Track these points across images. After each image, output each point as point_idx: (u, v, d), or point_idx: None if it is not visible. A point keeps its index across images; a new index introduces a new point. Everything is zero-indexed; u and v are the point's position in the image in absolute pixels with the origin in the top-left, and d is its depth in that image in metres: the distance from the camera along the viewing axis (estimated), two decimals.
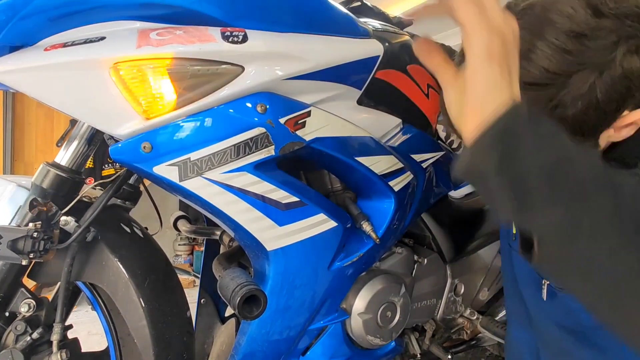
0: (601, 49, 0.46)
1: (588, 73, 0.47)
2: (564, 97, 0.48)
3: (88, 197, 0.73)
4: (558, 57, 0.47)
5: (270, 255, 0.66)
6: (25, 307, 0.68)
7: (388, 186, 0.77)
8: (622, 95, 0.49)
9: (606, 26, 0.46)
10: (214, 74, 0.57)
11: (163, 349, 0.69)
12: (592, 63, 0.46)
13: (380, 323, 0.82)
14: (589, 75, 0.47)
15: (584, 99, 0.48)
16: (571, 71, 0.47)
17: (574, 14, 0.46)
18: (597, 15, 0.46)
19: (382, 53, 0.73)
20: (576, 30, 0.46)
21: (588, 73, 0.47)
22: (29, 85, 0.55)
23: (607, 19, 0.46)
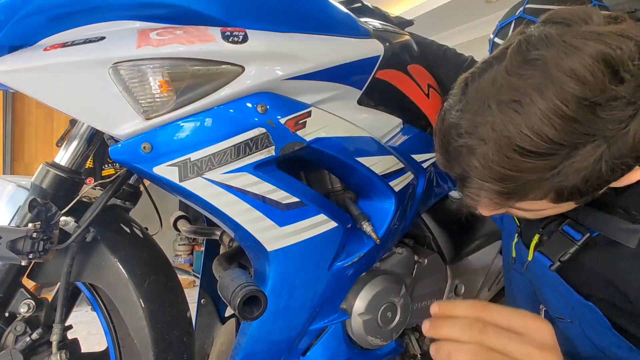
0: (615, 121, 0.41)
1: (596, 145, 0.42)
2: (565, 168, 0.44)
3: (88, 197, 0.73)
4: (565, 126, 0.41)
5: (271, 255, 0.66)
6: (25, 308, 0.68)
7: (388, 186, 0.76)
8: (629, 165, 0.45)
9: (623, 96, 0.41)
10: (214, 74, 0.57)
11: (163, 350, 0.69)
12: (602, 135, 0.42)
13: (380, 323, 0.82)
14: (597, 148, 0.43)
15: (586, 170, 0.44)
16: (578, 143, 0.42)
17: (590, 79, 0.41)
18: (615, 82, 0.41)
19: (382, 53, 0.73)
20: (590, 98, 0.41)
21: (596, 145, 0.42)
22: (28, 85, 0.54)
23: (626, 86, 0.41)
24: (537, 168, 0.44)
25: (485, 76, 0.47)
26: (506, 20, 0.92)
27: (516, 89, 0.43)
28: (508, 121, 0.44)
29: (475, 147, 0.46)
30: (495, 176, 0.46)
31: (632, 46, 0.41)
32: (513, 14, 0.91)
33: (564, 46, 0.42)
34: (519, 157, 0.44)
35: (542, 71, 0.43)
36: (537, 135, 0.42)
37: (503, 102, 0.44)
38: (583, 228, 0.58)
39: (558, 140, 0.42)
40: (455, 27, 4.04)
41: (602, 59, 0.41)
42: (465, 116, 0.47)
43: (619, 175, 0.46)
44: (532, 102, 0.42)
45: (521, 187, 0.46)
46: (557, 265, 0.59)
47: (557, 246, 0.60)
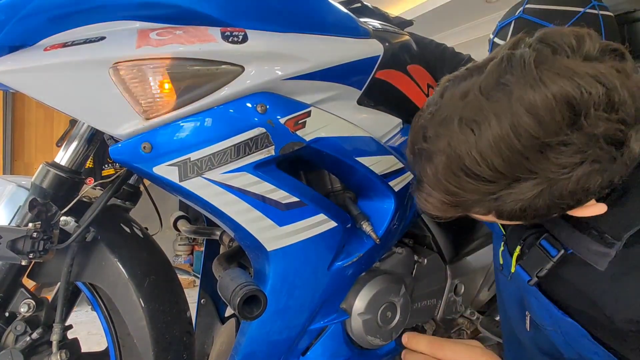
0: (561, 165, 0.41)
1: (537, 183, 0.43)
2: (504, 196, 0.45)
3: (88, 197, 0.73)
4: (512, 158, 0.42)
5: (270, 255, 0.66)
6: (25, 307, 0.68)
7: (388, 186, 0.77)
8: (569, 205, 0.46)
9: (576, 143, 0.40)
10: (214, 74, 0.57)
11: (163, 349, 0.69)
12: (545, 175, 0.42)
13: (380, 323, 0.82)
14: (537, 186, 0.43)
15: (523, 202, 0.45)
16: (520, 177, 0.43)
17: (546, 120, 0.40)
18: (571, 127, 0.40)
19: (382, 53, 0.73)
20: (542, 138, 0.40)
21: (537, 183, 0.43)
22: (28, 85, 0.55)
23: (581, 135, 0.40)
24: (478, 190, 0.45)
25: (462, 85, 0.47)
26: (506, 20, 0.92)
27: (480, 109, 0.43)
28: (463, 140, 0.44)
29: (432, 156, 0.47)
30: (442, 188, 0.48)
31: (602, 93, 0.40)
32: (513, 14, 0.91)
33: (533, 78, 0.41)
34: (464, 177, 0.45)
35: (507, 99, 0.42)
36: (483, 161, 0.43)
37: (465, 119, 0.44)
38: (559, 243, 0.58)
39: (501, 170, 0.43)
40: (455, 27, 4.04)
41: (566, 100, 0.40)
42: (433, 122, 0.48)
43: (557, 212, 0.47)
44: (488, 126, 0.42)
45: (463, 202, 0.48)
46: (534, 281, 0.60)
47: (534, 261, 0.60)
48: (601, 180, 0.43)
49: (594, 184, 0.43)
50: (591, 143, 0.41)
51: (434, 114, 0.48)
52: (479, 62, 0.48)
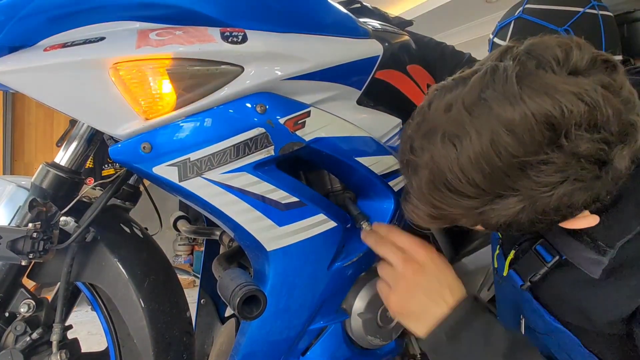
0: (541, 184, 0.41)
1: (519, 200, 0.43)
2: (487, 211, 0.45)
3: (88, 198, 0.73)
4: (493, 175, 0.41)
5: (270, 255, 0.66)
6: (25, 308, 0.68)
7: (388, 186, 0.77)
8: (555, 220, 0.46)
9: (556, 162, 0.40)
10: (214, 74, 0.57)
11: (163, 349, 0.69)
12: (526, 193, 0.42)
13: (380, 323, 0.82)
14: (520, 202, 0.43)
15: (507, 217, 0.45)
16: (502, 194, 0.43)
17: (526, 139, 0.39)
18: (552, 147, 0.39)
19: (381, 53, 0.73)
20: (521, 157, 0.40)
21: (519, 200, 0.43)
22: (28, 85, 0.55)
23: (562, 154, 0.39)
24: (461, 206, 0.45)
25: (447, 97, 0.46)
26: (506, 20, 0.92)
27: (462, 124, 0.43)
28: (445, 155, 0.44)
29: (417, 168, 0.47)
30: (426, 201, 0.48)
31: (584, 112, 0.39)
32: (512, 14, 0.91)
33: (513, 94, 0.40)
34: (447, 192, 0.45)
35: (486, 115, 0.41)
36: (464, 177, 0.43)
37: (447, 133, 0.44)
38: (554, 250, 0.58)
39: (482, 187, 0.42)
40: (455, 27, 4.04)
41: (545, 120, 0.39)
42: (419, 134, 0.47)
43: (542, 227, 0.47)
44: (469, 142, 0.42)
45: (448, 215, 0.48)
46: (527, 285, 0.60)
47: (528, 266, 0.60)
48: (586, 197, 0.42)
49: (577, 200, 0.42)
50: (572, 162, 0.40)
51: (420, 125, 0.48)
52: (465, 72, 0.47)
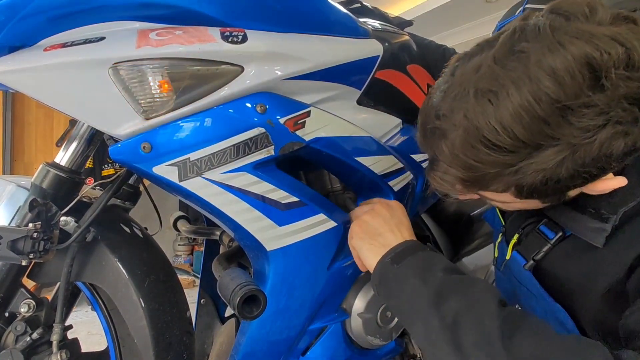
0: (583, 129, 0.40)
1: (559, 150, 0.42)
2: (525, 167, 0.44)
3: (88, 198, 0.73)
4: (533, 125, 0.41)
5: (270, 255, 0.66)
6: (25, 308, 0.68)
7: (388, 186, 0.77)
8: (592, 174, 0.44)
9: (598, 105, 0.39)
10: (214, 74, 0.57)
11: (163, 349, 0.69)
12: (567, 141, 0.41)
13: (380, 323, 0.82)
14: (559, 153, 0.42)
15: (546, 173, 0.43)
16: (541, 144, 0.42)
17: (568, 82, 0.39)
18: (593, 88, 0.39)
19: (381, 53, 0.73)
20: (563, 101, 0.40)
21: (559, 150, 0.42)
22: (28, 85, 0.55)
23: (603, 96, 0.39)
24: (497, 162, 0.44)
25: (473, 60, 0.46)
26: (505, 20, 0.92)
27: (496, 79, 0.43)
28: (480, 111, 0.43)
29: (447, 132, 0.47)
30: (459, 164, 0.47)
31: (622, 53, 0.39)
32: (513, 13, 0.91)
33: (550, 42, 0.41)
34: (483, 149, 0.44)
35: (524, 65, 0.41)
36: (503, 130, 0.42)
37: (480, 90, 0.43)
38: (558, 227, 0.58)
39: (522, 138, 0.42)
40: (455, 27, 4.04)
41: (585, 62, 0.39)
42: (446, 99, 0.47)
43: (579, 183, 0.46)
44: (507, 95, 0.42)
45: (481, 177, 0.47)
46: (531, 264, 0.60)
47: (532, 245, 0.60)
48: (624, 144, 0.42)
49: (617, 148, 0.42)
50: (613, 103, 0.39)
51: (446, 92, 0.48)
52: (488, 38, 0.47)
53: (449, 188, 0.52)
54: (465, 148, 0.45)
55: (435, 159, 0.51)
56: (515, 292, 0.69)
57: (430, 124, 0.49)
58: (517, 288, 0.67)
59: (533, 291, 0.61)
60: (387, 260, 0.60)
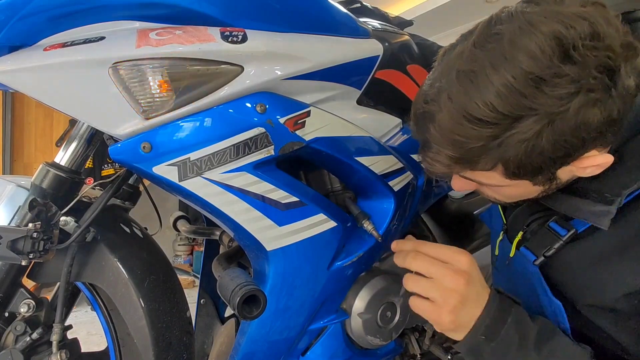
0: (557, 97, 0.43)
1: (537, 120, 0.45)
2: (507, 139, 0.46)
3: (88, 197, 0.73)
4: (511, 98, 0.44)
5: (270, 255, 0.66)
6: (25, 308, 0.68)
7: (388, 186, 0.77)
8: (573, 145, 0.47)
9: (568, 74, 0.43)
10: (214, 73, 0.57)
11: (163, 349, 0.69)
12: (543, 110, 0.44)
13: (380, 323, 0.82)
14: (538, 122, 0.45)
15: (528, 143, 0.46)
16: (520, 115, 0.45)
17: (539, 55, 0.43)
18: (563, 60, 0.43)
19: (381, 53, 0.73)
20: (536, 73, 0.43)
21: (537, 120, 0.45)
22: (28, 85, 0.55)
23: (573, 66, 0.43)
24: (482, 136, 0.47)
25: (457, 48, 0.50)
26: None
27: (475, 60, 0.47)
28: (462, 90, 0.47)
29: (434, 113, 0.50)
30: (447, 142, 0.49)
31: (587, 26, 0.43)
32: None
33: (522, 23, 0.45)
34: (467, 124, 0.47)
35: (499, 45, 0.45)
36: (484, 105, 0.45)
37: (462, 72, 0.47)
38: (569, 225, 0.59)
39: (502, 111, 0.45)
40: (455, 27, 4.04)
41: (554, 36, 0.43)
42: (433, 85, 0.51)
43: (562, 155, 0.48)
44: (485, 73, 0.45)
45: (469, 153, 0.49)
46: (541, 260, 0.60)
47: (542, 241, 0.61)
48: (600, 114, 0.44)
49: (593, 117, 0.44)
50: (583, 73, 0.43)
51: (433, 79, 0.52)
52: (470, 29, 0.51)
53: (441, 169, 0.54)
54: (451, 126, 0.48)
55: (426, 142, 0.53)
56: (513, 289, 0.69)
57: (420, 109, 0.53)
58: (518, 285, 0.67)
59: (537, 287, 0.61)
60: (478, 336, 0.55)
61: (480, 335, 0.55)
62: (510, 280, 0.69)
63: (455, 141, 0.49)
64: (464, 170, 0.53)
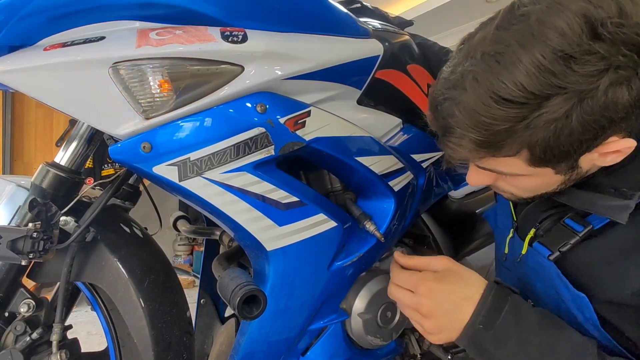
0: (587, 75, 0.43)
1: (567, 98, 0.44)
2: (536, 119, 0.46)
3: (87, 197, 0.73)
4: (540, 76, 0.44)
5: (270, 255, 0.66)
6: (25, 307, 0.68)
7: (388, 186, 0.76)
8: (602, 125, 0.46)
9: (598, 51, 0.43)
10: (214, 73, 0.57)
11: (163, 349, 0.69)
12: (573, 89, 0.44)
13: (380, 323, 0.82)
14: (567, 101, 0.44)
15: (557, 124, 0.45)
16: (549, 94, 0.44)
17: (568, 32, 0.43)
18: (592, 38, 0.43)
19: (382, 53, 0.73)
20: (566, 50, 0.43)
21: (567, 98, 0.44)
22: (28, 85, 0.55)
23: (602, 44, 0.43)
24: (509, 117, 0.46)
25: (477, 35, 0.50)
26: None
27: (500, 42, 0.47)
28: (489, 70, 0.46)
29: (459, 97, 0.49)
30: (473, 124, 0.49)
31: (614, 6, 0.43)
32: None
33: (549, 2, 0.45)
34: (494, 105, 0.46)
35: (526, 25, 0.45)
36: (513, 84, 0.45)
37: (487, 53, 0.47)
38: (585, 221, 0.58)
39: (532, 90, 0.44)
40: (455, 27, 4.04)
41: (582, 14, 0.43)
42: (455, 70, 0.50)
43: (590, 138, 0.47)
44: (513, 52, 0.45)
45: (495, 136, 0.48)
46: (556, 255, 0.60)
47: (558, 237, 0.61)
48: (628, 94, 0.44)
49: (621, 97, 0.44)
50: (612, 50, 0.43)
51: (454, 65, 0.51)
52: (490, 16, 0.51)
53: (463, 155, 0.53)
54: (477, 107, 0.47)
55: (449, 128, 0.52)
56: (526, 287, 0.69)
57: (441, 95, 0.52)
58: (528, 284, 0.67)
59: (555, 282, 0.61)
60: (476, 327, 0.57)
61: (478, 325, 0.56)
62: (523, 277, 0.68)
63: (481, 123, 0.48)
64: (486, 157, 0.52)
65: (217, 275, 0.68)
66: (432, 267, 0.63)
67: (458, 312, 0.58)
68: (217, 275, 0.68)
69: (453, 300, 0.59)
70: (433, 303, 0.59)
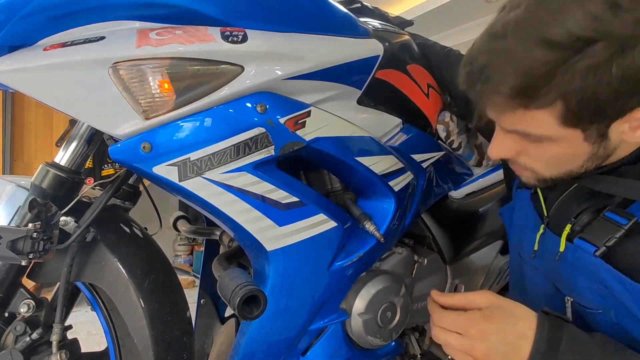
0: (631, 22, 0.44)
1: (609, 45, 0.45)
2: (577, 64, 0.46)
3: (87, 198, 0.73)
4: (586, 22, 0.44)
5: (270, 255, 0.66)
6: (25, 308, 0.68)
7: (388, 186, 0.76)
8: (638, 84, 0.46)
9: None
10: (214, 73, 0.57)
11: (163, 350, 0.69)
12: (616, 36, 0.44)
13: (380, 323, 0.82)
14: (610, 48, 0.45)
15: (597, 71, 0.45)
16: (593, 38, 0.45)
17: None
18: None
19: (382, 53, 0.73)
20: None
21: (609, 45, 0.45)
22: (28, 85, 0.54)
23: None
24: (551, 60, 0.46)
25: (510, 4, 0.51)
26: None
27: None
28: (533, 16, 0.47)
29: (500, 42, 0.50)
30: (513, 69, 0.49)
31: None
32: None
33: None
34: (537, 49, 0.47)
35: None
36: (557, 27, 0.45)
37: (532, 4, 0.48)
38: (627, 213, 0.57)
39: (575, 32, 0.45)
40: (455, 27, 4.04)
41: None
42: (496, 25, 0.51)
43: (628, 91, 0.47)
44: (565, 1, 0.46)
45: (533, 81, 0.48)
46: (602, 251, 0.58)
47: (601, 232, 0.59)
48: None
49: None
50: None
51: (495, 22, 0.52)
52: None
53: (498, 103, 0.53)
54: (517, 49, 0.48)
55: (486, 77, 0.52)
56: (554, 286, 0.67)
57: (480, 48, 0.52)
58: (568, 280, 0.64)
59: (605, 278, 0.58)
60: None
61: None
62: (562, 275, 0.66)
63: (522, 67, 0.48)
64: (518, 111, 0.52)
65: (217, 276, 0.68)
66: (476, 305, 0.58)
67: (515, 351, 0.55)
68: (217, 276, 0.68)
69: (508, 341, 0.55)
70: (487, 346, 0.55)
